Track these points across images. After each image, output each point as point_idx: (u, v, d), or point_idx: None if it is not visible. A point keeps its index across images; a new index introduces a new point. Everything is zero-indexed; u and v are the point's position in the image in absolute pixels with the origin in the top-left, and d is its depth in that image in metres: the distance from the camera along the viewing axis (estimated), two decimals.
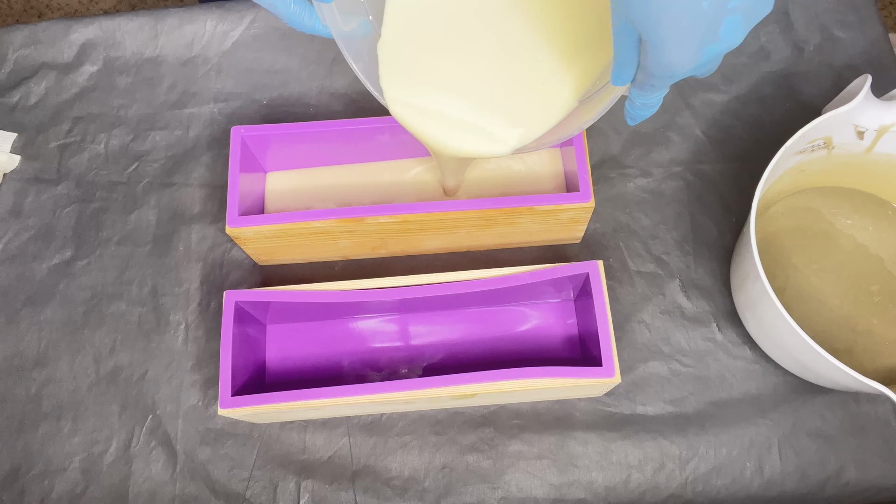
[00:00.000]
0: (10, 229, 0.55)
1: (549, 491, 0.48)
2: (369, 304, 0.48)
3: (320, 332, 0.50)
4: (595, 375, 0.42)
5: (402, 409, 0.48)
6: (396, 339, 0.50)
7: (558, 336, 0.50)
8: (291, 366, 0.50)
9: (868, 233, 0.52)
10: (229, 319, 0.44)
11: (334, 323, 0.51)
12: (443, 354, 0.50)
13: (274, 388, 0.48)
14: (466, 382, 0.42)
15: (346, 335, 0.50)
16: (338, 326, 0.51)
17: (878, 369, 0.48)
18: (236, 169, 0.47)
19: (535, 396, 0.48)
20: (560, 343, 0.50)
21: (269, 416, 0.46)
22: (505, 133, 0.40)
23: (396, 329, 0.50)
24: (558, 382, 0.42)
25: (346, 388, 0.43)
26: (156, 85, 0.60)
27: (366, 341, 0.50)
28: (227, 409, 0.42)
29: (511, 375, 0.42)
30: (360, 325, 0.51)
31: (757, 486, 0.48)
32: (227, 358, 0.43)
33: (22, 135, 0.58)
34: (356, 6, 0.39)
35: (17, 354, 0.52)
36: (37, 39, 0.61)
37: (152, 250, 0.54)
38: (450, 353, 0.50)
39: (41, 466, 0.49)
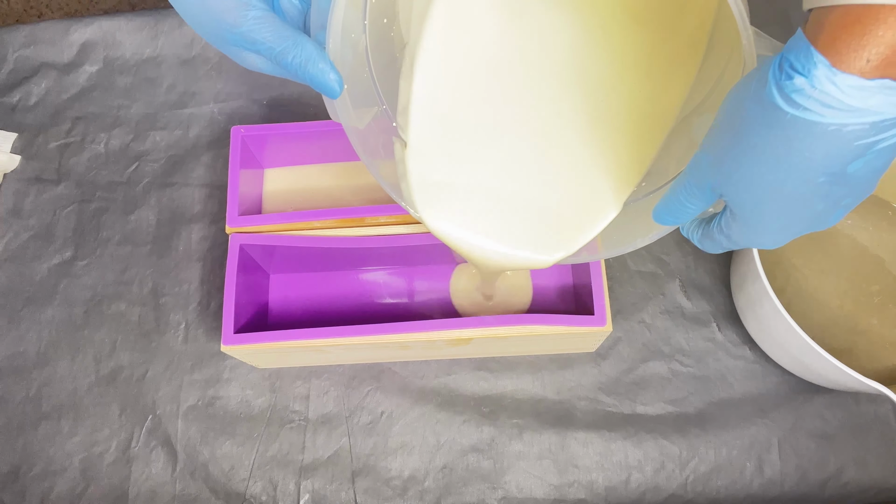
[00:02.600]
0: (10, 229, 0.55)
1: (549, 491, 0.48)
2: (371, 253, 0.48)
3: (323, 283, 0.52)
4: (587, 324, 0.43)
5: (399, 356, 0.49)
6: (397, 290, 0.51)
7: (553, 289, 0.50)
8: (294, 314, 0.51)
9: (868, 233, 0.52)
10: (234, 261, 0.45)
11: (337, 274, 0.52)
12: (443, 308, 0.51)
13: None
14: (461, 327, 0.43)
15: (349, 287, 0.51)
16: (340, 278, 0.52)
17: (878, 369, 0.48)
18: (236, 169, 0.47)
19: (529, 348, 0.48)
20: (555, 296, 0.50)
21: (269, 357, 0.47)
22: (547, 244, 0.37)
23: (397, 281, 0.51)
24: (550, 330, 0.43)
25: (344, 328, 0.43)
26: (156, 85, 0.60)
27: (367, 292, 0.51)
28: (229, 346, 0.43)
29: (504, 322, 0.43)
30: (362, 277, 0.52)
31: (757, 486, 0.48)
32: (230, 297, 0.44)
33: (22, 135, 0.58)
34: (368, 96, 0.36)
35: (17, 354, 0.52)
36: (37, 39, 0.61)
37: (152, 250, 0.54)
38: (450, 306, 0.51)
39: (41, 466, 0.49)
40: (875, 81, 0.22)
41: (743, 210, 0.28)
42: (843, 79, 0.22)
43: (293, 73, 0.31)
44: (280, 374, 0.51)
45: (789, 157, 0.24)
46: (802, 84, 0.22)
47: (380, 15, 0.35)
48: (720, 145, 0.27)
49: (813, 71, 0.22)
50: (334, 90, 0.31)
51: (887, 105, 0.22)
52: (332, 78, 0.31)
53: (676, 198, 0.30)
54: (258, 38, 0.30)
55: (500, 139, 0.36)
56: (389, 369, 0.51)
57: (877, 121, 0.22)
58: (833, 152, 0.23)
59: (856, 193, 0.26)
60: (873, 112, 0.22)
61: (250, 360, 0.48)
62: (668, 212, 0.31)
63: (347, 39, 0.33)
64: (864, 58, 0.21)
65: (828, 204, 0.26)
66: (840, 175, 0.24)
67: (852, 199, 0.26)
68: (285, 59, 0.30)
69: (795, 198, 0.26)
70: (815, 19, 0.23)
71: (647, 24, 0.35)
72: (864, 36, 0.21)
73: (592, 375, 0.50)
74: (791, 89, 0.23)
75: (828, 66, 0.22)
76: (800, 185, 0.25)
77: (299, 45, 0.30)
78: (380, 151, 0.37)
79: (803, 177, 0.25)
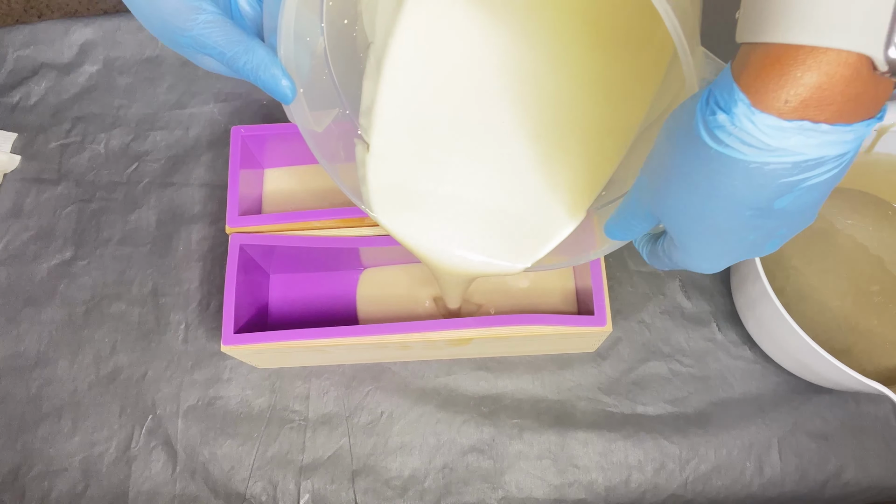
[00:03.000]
0: (10, 229, 0.55)
1: (550, 491, 0.48)
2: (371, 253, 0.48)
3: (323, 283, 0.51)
4: (587, 324, 0.43)
5: (399, 356, 0.49)
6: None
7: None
8: (293, 315, 0.51)
9: (868, 233, 0.52)
10: (234, 261, 0.45)
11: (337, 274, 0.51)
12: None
13: None
14: (461, 327, 0.43)
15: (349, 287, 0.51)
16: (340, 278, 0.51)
17: (878, 369, 0.48)
18: (236, 169, 0.47)
19: (530, 348, 0.48)
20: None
21: (269, 357, 0.47)
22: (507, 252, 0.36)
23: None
24: (550, 330, 0.43)
25: (344, 328, 0.43)
26: (156, 85, 0.60)
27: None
28: (229, 346, 0.43)
29: (504, 322, 0.43)
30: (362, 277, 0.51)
31: (757, 486, 0.48)
32: (230, 297, 0.44)
33: (22, 135, 0.58)
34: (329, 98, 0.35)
35: (17, 354, 0.52)
36: (37, 39, 0.61)
37: (152, 250, 0.54)
38: None
39: (41, 466, 0.49)
40: (793, 122, 0.21)
41: (678, 236, 0.28)
42: (762, 118, 0.21)
43: (246, 78, 0.31)
44: (280, 374, 0.51)
45: (715, 192, 0.24)
46: (724, 121, 0.22)
47: (339, 16, 0.35)
48: (655, 173, 0.27)
49: (733, 108, 0.22)
50: (286, 96, 0.31)
51: (805, 146, 0.22)
52: (285, 84, 0.31)
53: (623, 216, 0.30)
54: (208, 43, 0.29)
55: (463, 146, 0.36)
56: (389, 369, 0.51)
57: (798, 161, 0.22)
58: (757, 189, 0.23)
59: (790, 225, 0.26)
60: (793, 152, 0.22)
61: (250, 360, 0.48)
62: (617, 227, 0.31)
63: (302, 43, 0.32)
64: (782, 98, 0.21)
65: (760, 235, 0.26)
66: (767, 210, 0.24)
67: (787, 230, 0.26)
68: (237, 64, 0.30)
69: (725, 229, 0.25)
70: (742, 55, 0.22)
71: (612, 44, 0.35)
72: (783, 76, 0.21)
73: (592, 375, 0.50)
74: (714, 125, 0.22)
75: (748, 104, 0.21)
76: (727, 217, 0.25)
77: (251, 51, 0.30)
78: (340, 154, 0.36)
79: (730, 210, 0.24)
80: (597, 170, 0.36)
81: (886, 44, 0.20)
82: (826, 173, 0.23)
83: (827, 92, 0.21)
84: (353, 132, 0.36)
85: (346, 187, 0.36)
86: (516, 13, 0.35)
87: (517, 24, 0.36)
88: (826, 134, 0.21)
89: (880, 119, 0.23)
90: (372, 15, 0.36)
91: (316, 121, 0.34)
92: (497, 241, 0.37)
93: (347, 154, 0.36)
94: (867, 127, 0.22)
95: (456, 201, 0.36)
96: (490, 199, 0.36)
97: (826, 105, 0.21)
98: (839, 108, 0.21)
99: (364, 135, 0.36)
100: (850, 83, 0.21)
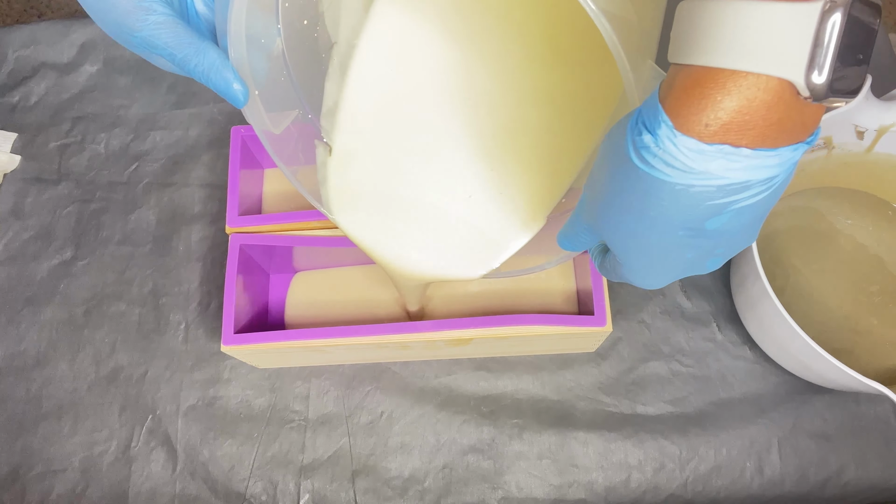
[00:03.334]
0: (10, 229, 0.55)
1: (550, 491, 0.48)
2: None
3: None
4: (587, 324, 0.43)
5: (399, 356, 0.49)
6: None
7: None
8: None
9: (868, 233, 0.52)
10: (234, 261, 0.45)
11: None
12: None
13: None
14: (462, 327, 0.43)
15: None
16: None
17: (878, 369, 0.48)
18: (236, 169, 0.47)
19: (530, 348, 0.48)
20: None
21: (269, 357, 0.47)
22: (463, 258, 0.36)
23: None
24: (550, 330, 0.43)
25: (344, 328, 0.43)
26: (156, 85, 0.60)
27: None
28: (229, 346, 0.43)
29: (504, 322, 0.43)
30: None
31: (757, 486, 0.48)
32: (230, 297, 0.44)
33: (22, 135, 0.58)
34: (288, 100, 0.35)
35: (17, 354, 0.52)
36: (37, 39, 0.61)
37: (152, 250, 0.54)
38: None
39: (41, 466, 0.49)
40: (714, 146, 0.21)
41: (618, 253, 0.27)
42: (683, 141, 0.21)
43: (198, 79, 0.31)
44: (280, 374, 0.51)
45: (647, 211, 0.24)
46: (649, 141, 0.22)
47: (298, 17, 0.34)
48: (593, 190, 0.26)
49: (657, 130, 0.22)
50: (238, 100, 0.31)
51: (728, 170, 0.21)
52: (236, 88, 0.30)
53: (571, 229, 0.30)
54: (158, 44, 0.29)
55: (425, 152, 0.36)
56: (389, 369, 0.51)
57: (722, 184, 0.22)
58: (685, 210, 0.23)
59: (727, 244, 0.25)
60: (716, 176, 0.21)
61: (250, 360, 0.48)
62: (567, 240, 0.31)
63: (256, 45, 0.32)
64: (702, 122, 0.21)
65: (697, 254, 0.25)
66: (699, 230, 0.24)
67: (725, 250, 0.26)
68: (188, 66, 0.30)
69: (660, 247, 0.25)
70: (669, 76, 0.22)
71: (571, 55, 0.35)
72: (703, 99, 0.21)
73: (592, 375, 0.50)
74: (640, 145, 0.22)
75: (670, 126, 0.21)
76: (661, 237, 0.25)
77: (201, 53, 0.29)
78: (299, 157, 0.36)
79: (662, 230, 0.24)
80: (555, 179, 0.35)
81: (808, 69, 0.20)
82: (754, 196, 0.22)
83: (747, 116, 0.21)
84: (314, 134, 0.36)
85: (304, 189, 0.36)
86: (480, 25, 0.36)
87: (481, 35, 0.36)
88: (748, 158, 0.21)
89: (810, 143, 0.22)
90: (335, 15, 0.36)
91: (273, 123, 0.34)
92: (455, 248, 0.36)
93: (307, 156, 0.36)
94: (794, 151, 0.22)
95: (415, 206, 0.36)
96: (449, 205, 0.36)
97: (747, 129, 0.21)
98: (760, 133, 0.21)
99: (326, 137, 0.36)
100: (771, 108, 0.20)
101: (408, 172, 0.36)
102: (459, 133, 0.36)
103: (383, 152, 0.36)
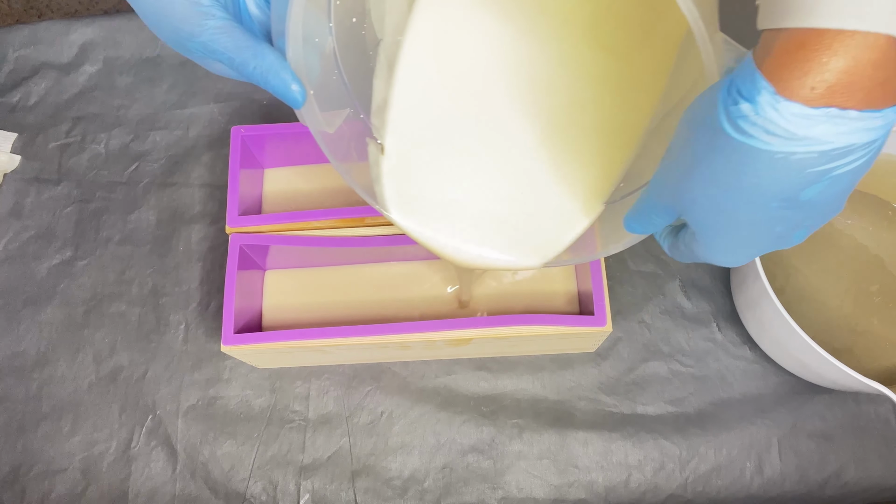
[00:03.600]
0: (10, 229, 0.55)
1: (550, 491, 0.48)
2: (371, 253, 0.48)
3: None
4: (587, 324, 0.43)
5: (399, 356, 0.49)
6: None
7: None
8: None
9: (868, 233, 0.52)
10: (234, 261, 0.45)
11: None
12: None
13: None
14: (461, 327, 0.43)
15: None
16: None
17: (878, 369, 0.48)
18: (236, 169, 0.47)
19: (530, 348, 0.48)
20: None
21: (269, 357, 0.47)
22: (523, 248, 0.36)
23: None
24: (550, 330, 0.43)
25: (344, 329, 0.43)
26: (156, 85, 0.60)
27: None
28: (229, 346, 0.43)
29: (504, 322, 0.43)
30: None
31: (757, 486, 0.48)
32: (230, 297, 0.44)
33: (22, 135, 0.58)
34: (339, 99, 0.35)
35: (17, 354, 0.52)
36: (37, 39, 0.61)
37: (152, 250, 0.54)
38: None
39: (41, 466, 0.49)
40: (820, 110, 0.20)
41: (700, 231, 0.27)
42: (787, 106, 0.21)
43: (256, 83, 0.30)
44: (280, 374, 0.51)
45: (740, 184, 0.23)
46: (748, 110, 0.21)
47: (347, 14, 0.34)
48: (675, 166, 0.26)
49: (757, 97, 0.21)
50: (296, 100, 0.31)
51: (833, 134, 0.21)
52: (295, 89, 0.30)
53: (642, 210, 0.29)
54: (217, 49, 0.29)
55: (478, 144, 0.36)
56: (389, 369, 0.51)
57: (826, 150, 0.21)
58: (783, 180, 0.22)
59: (817, 216, 0.25)
60: (820, 141, 0.21)
61: (250, 360, 0.48)
62: (636, 222, 0.30)
63: (311, 44, 0.32)
64: (808, 85, 0.20)
65: (787, 227, 0.25)
66: (794, 200, 0.23)
67: (814, 221, 0.25)
68: (246, 70, 0.30)
69: (750, 222, 0.25)
70: (765, 41, 0.22)
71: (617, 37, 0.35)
72: (808, 62, 0.20)
73: (592, 375, 0.50)
74: (737, 115, 0.22)
75: (772, 92, 0.21)
76: (753, 210, 0.24)
77: (259, 55, 0.29)
78: (352, 154, 0.36)
79: (755, 203, 0.24)
80: (611, 164, 0.35)
81: None
82: (854, 162, 0.22)
83: (855, 77, 0.20)
84: (365, 132, 0.36)
85: (359, 187, 0.36)
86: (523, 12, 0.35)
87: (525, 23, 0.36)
88: (854, 121, 0.21)
89: None
90: (380, 11, 0.36)
91: (327, 122, 0.34)
92: (514, 240, 0.36)
93: (359, 154, 0.36)
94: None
95: (472, 199, 0.36)
96: (506, 195, 0.36)
97: (854, 91, 0.20)
98: (868, 94, 0.20)
99: (377, 134, 0.36)
100: (878, 67, 0.20)
101: (461, 166, 0.36)
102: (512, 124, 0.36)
103: (436, 148, 0.36)
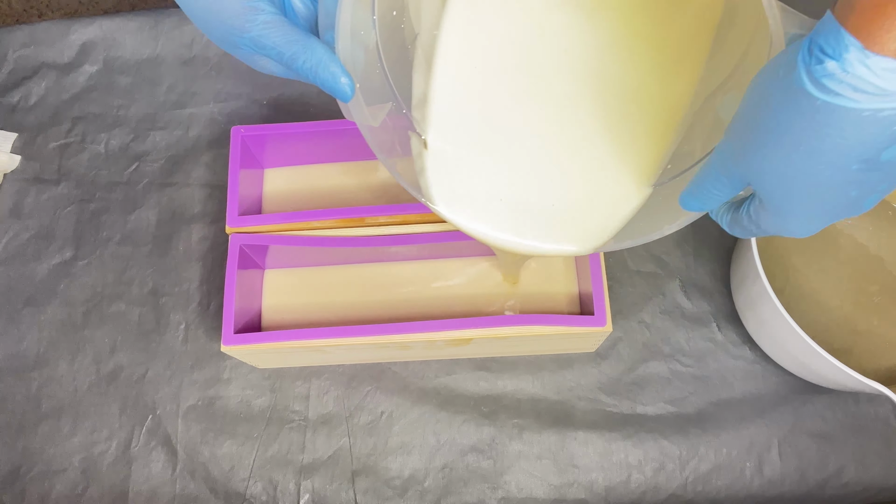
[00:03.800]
0: (10, 229, 0.55)
1: (549, 491, 0.48)
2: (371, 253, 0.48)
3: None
4: (587, 324, 0.43)
5: (399, 356, 0.49)
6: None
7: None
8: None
9: (868, 233, 0.52)
10: (234, 261, 0.45)
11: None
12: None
13: None
14: (461, 327, 0.43)
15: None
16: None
17: (878, 369, 0.48)
18: (236, 169, 0.47)
19: (530, 348, 0.48)
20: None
21: (269, 357, 0.47)
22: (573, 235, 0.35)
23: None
24: (550, 330, 0.43)
25: (344, 329, 0.43)
26: (156, 85, 0.60)
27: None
28: (229, 346, 0.43)
29: (504, 322, 0.43)
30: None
31: (757, 486, 0.48)
32: (230, 297, 0.44)
33: (22, 135, 0.58)
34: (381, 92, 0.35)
35: (17, 354, 0.52)
36: (37, 39, 0.61)
37: (152, 250, 0.54)
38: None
39: (41, 466, 0.49)
40: None
41: (772, 199, 0.27)
42: (877, 61, 0.21)
43: (304, 77, 0.30)
44: (280, 374, 0.51)
45: (821, 146, 0.23)
46: (834, 68, 0.21)
47: (388, 8, 0.35)
48: (747, 134, 0.26)
49: (844, 54, 0.21)
50: (346, 94, 0.31)
51: None
52: (344, 82, 0.30)
53: (702, 185, 0.29)
54: (267, 44, 0.29)
55: (520, 133, 0.36)
56: (389, 369, 0.51)
57: None
58: (867, 139, 0.22)
59: (892, 178, 0.25)
60: None
61: (250, 360, 0.48)
62: (695, 199, 0.30)
63: (357, 38, 0.32)
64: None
65: (863, 190, 0.25)
66: (874, 161, 0.23)
67: (888, 185, 0.25)
68: (296, 64, 0.30)
69: (828, 186, 0.25)
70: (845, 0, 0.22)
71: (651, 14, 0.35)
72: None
73: (592, 375, 0.50)
74: (821, 74, 0.22)
75: (860, 48, 0.21)
76: (832, 173, 0.24)
77: (309, 50, 0.29)
78: (396, 148, 0.36)
79: (836, 165, 0.24)
80: (656, 146, 0.35)
81: None
82: None
83: None
84: (407, 125, 0.36)
85: (404, 181, 0.35)
86: None
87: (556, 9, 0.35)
88: None
89: None
90: (417, 5, 0.36)
91: (372, 116, 0.34)
92: (563, 227, 0.36)
93: (403, 148, 0.36)
94: None
95: (517, 189, 0.36)
96: (551, 183, 0.36)
97: None
98: None
99: (419, 128, 0.36)
100: None
101: (505, 156, 0.36)
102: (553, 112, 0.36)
103: (478, 139, 0.36)
